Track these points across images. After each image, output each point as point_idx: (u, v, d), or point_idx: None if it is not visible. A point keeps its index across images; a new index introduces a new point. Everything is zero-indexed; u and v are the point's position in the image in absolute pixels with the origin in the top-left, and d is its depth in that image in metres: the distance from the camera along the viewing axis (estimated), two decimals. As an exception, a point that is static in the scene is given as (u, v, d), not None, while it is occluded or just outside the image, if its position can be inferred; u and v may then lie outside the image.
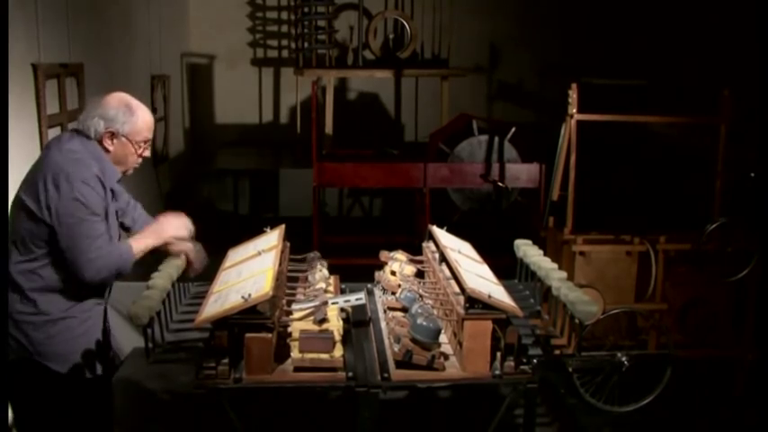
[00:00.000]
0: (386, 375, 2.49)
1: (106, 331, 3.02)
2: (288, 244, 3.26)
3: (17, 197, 2.79)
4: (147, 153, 2.94)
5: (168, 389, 3.03)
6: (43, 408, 2.81)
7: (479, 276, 2.80)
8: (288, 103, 9.53)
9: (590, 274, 4.62)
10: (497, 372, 2.53)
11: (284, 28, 9.47)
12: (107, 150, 2.82)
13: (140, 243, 2.91)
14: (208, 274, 3.11)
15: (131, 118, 2.81)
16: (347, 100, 9.50)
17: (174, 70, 8.41)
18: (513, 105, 9.36)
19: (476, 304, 2.50)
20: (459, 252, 3.08)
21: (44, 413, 2.82)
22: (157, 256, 3.19)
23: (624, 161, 6.71)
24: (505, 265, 3.46)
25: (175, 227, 3.05)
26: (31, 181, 2.75)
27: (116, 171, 2.87)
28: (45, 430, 2.86)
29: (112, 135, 2.80)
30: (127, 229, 3.22)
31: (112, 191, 2.87)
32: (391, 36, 8.59)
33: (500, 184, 6.18)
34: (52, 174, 2.68)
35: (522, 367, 2.55)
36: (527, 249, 3.40)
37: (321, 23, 8.24)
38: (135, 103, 2.87)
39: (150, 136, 2.91)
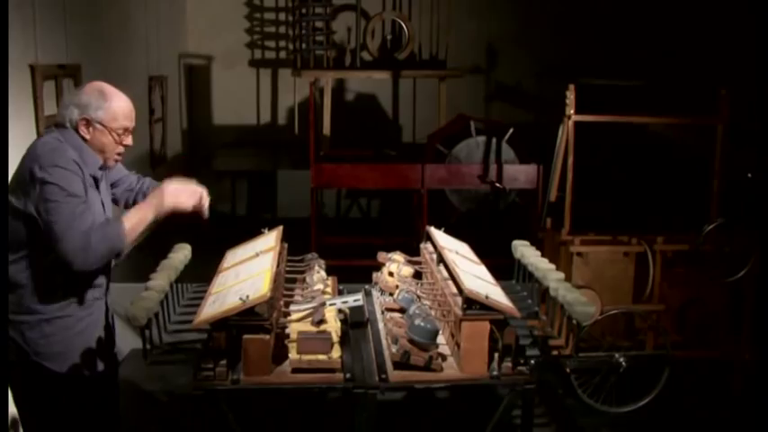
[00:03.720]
0: (384, 376, 2.49)
1: (108, 326, 2.94)
2: (286, 245, 3.26)
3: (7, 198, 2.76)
4: (129, 142, 2.83)
5: (166, 390, 3.03)
6: (45, 408, 2.78)
7: (477, 277, 2.81)
8: (285, 104, 9.52)
9: (587, 274, 4.62)
10: (495, 373, 2.53)
11: (282, 29, 9.46)
12: (85, 139, 2.75)
13: (133, 217, 2.72)
14: (206, 275, 3.10)
15: (104, 104, 2.72)
16: (345, 101, 9.50)
17: (172, 71, 8.41)
18: (510, 106, 9.36)
19: (473, 305, 2.51)
20: (457, 253, 3.08)
21: (47, 413, 2.79)
22: (155, 257, 3.19)
23: (622, 162, 6.71)
24: (503, 266, 3.47)
25: (177, 195, 2.85)
26: (13, 179, 2.72)
27: (97, 158, 2.79)
28: (49, 430, 2.84)
29: (87, 122, 2.72)
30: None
31: (94, 178, 2.79)
32: (389, 37, 8.58)
33: (498, 185, 6.19)
34: (28, 166, 2.64)
35: (519, 368, 2.55)
36: (525, 250, 3.40)
37: (319, 24, 8.23)
38: (110, 90, 2.79)
39: (129, 124, 2.81)
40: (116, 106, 2.75)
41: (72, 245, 2.55)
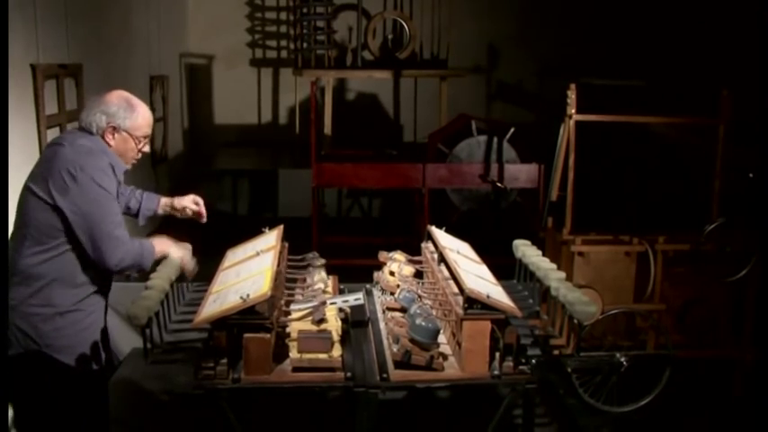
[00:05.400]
0: (384, 376, 2.49)
1: (106, 327, 3.07)
2: (286, 244, 3.26)
3: (27, 189, 2.82)
4: (147, 149, 3.02)
5: (167, 389, 3.02)
6: (50, 398, 2.85)
7: (478, 277, 2.80)
8: (287, 103, 9.53)
9: (589, 274, 4.61)
10: (496, 372, 2.53)
11: (283, 28, 9.47)
12: (109, 145, 2.91)
13: (163, 246, 2.99)
14: (206, 274, 3.11)
15: (132, 114, 2.90)
16: (346, 100, 9.50)
17: (173, 71, 8.42)
18: (512, 106, 9.36)
19: (474, 304, 2.51)
20: (458, 252, 3.08)
21: (50, 404, 2.86)
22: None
23: (623, 162, 6.71)
24: (504, 266, 3.46)
25: (185, 255, 3.09)
26: (42, 175, 2.80)
27: (122, 163, 2.96)
28: (48, 422, 2.88)
29: (114, 130, 2.89)
30: (134, 212, 3.30)
31: (118, 182, 2.95)
32: (390, 36, 8.58)
33: (499, 184, 6.18)
34: (67, 167, 2.75)
35: (520, 367, 2.55)
36: (526, 250, 3.40)
37: (320, 24, 8.24)
38: (135, 99, 2.96)
39: (149, 132, 3.00)
40: (141, 116, 2.94)
41: (114, 244, 2.76)
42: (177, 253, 3.01)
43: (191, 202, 3.33)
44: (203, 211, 3.35)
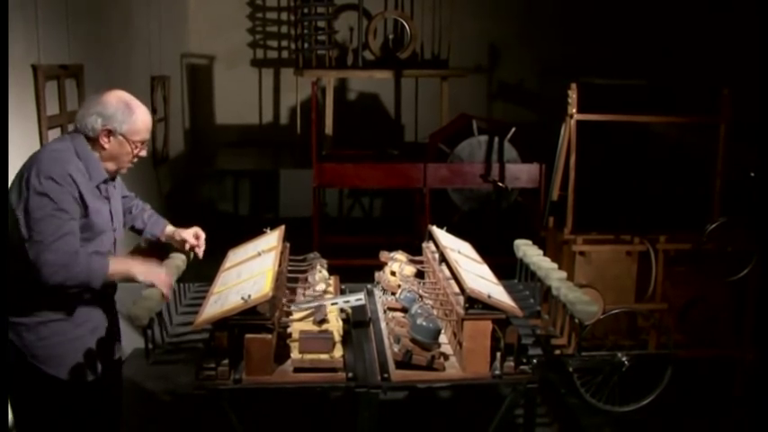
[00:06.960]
0: (386, 376, 2.49)
1: (110, 336, 2.92)
2: (288, 245, 3.27)
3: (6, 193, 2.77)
4: (144, 153, 2.86)
5: (168, 389, 3.03)
6: (40, 411, 2.77)
7: (479, 276, 2.81)
8: (288, 103, 9.53)
9: (590, 273, 4.61)
10: (497, 372, 2.53)
11: (284, 29, 9.47)
12: (103, 148, 2.76)
13: (118, 266, 2.73)
14: (208, 274, 3.11)
15: (130, 117, 2.74)
16: (347, 100, 9.50)
17: (174, 71, 8.42)
18: (512, 105, 9.36)
19: (475, 304, 2.51)
20: (459, 252, 3.08)
21: (41, 416, 2.78)
22: (157, 257, 3.19)
23: (624, 161, 6.70)
24: (505, 265, 3.46)
25: (156, 278, 2.79)
26: (15, 179, 2.71)
27: (103, 171, 2.79)
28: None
29: (109, 133, 2.73)
30: (139, 231, 3.21)
31: (99, 189, 2.79)
32: (391, 36, 8.58)
33: (500, 184, 6.18)
34: (27, 170, 2.64)
35: (522, 367, 2.55)
36: (527, 249, 3.40)
37: (321, 24, 8.24)
38: (134, 102, 2.81)
39: (148, 136, 2.85)
40: (140, 120, 2.78)
41: (54, 258, 2.55)
42: (143, 276, 2.75)
43: (191, 236, 3.15)
44: (202, 246, 3.16)
